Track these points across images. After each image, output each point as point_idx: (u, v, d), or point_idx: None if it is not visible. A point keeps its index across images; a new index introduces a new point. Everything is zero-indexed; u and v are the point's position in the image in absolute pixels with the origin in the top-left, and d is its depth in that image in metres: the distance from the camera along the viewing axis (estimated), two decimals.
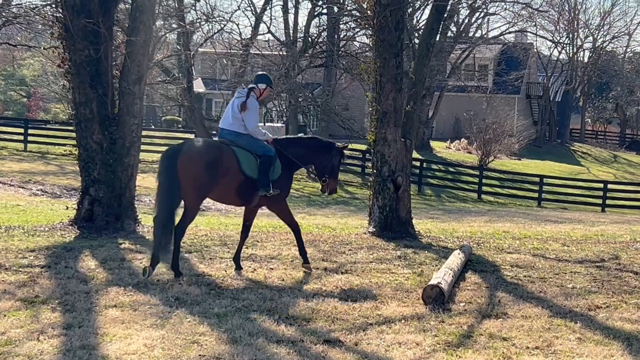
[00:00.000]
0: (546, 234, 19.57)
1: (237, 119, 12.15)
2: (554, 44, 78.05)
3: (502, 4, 57.28)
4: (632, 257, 14.99)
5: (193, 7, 39.04)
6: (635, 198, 42.59)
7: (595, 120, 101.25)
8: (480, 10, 57.20)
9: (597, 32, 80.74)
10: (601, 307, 10.31)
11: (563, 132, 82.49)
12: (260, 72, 13.21)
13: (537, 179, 43.66)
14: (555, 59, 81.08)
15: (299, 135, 13.50)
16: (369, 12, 17.16)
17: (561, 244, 16.88)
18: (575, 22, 78.47)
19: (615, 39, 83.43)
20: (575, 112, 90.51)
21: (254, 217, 12.87)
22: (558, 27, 75.69)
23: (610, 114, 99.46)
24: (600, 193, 42.56)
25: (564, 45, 78.79)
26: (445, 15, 43.77)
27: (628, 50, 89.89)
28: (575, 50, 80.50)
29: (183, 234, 11.93)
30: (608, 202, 42.05)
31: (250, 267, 12.23)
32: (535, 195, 42.61)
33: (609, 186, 44.08)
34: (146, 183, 32.05)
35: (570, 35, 79.10)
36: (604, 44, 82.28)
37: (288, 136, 13.64)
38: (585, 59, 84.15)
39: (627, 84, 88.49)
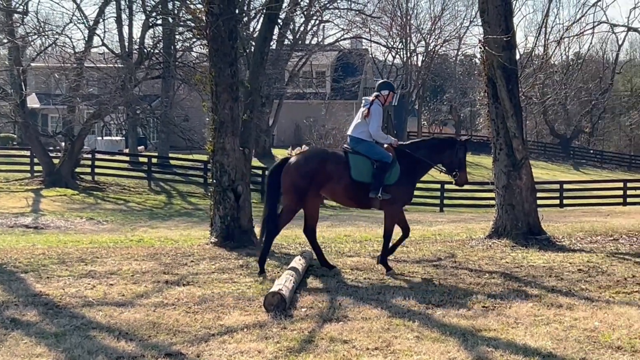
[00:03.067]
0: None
1: (360, 126, 13.30)
2: (388, 49, 79.70)
3: (336, 11, 58.11)
4: (467, 255, 15.45)
5: (22, 22, 37.94)
6: (471, 197, 43.84)
7: (431, 123, 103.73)
8: (315, 17, 57.84)
9: (429, 36, 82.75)
10: (438, 305, 10.57)
11: (401, 135, 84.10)
12: (382, 80, 14.38)
13: None
14: (390, 63, 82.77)
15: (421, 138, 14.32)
16: (203, 22, 17.12)
17: (400, 245, 17.20)
18: (408, 27, 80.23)
19: (447, 43, 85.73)
20: (412, 115, 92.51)
21: (403, 216, 14.01)
22: (391, 32, 77.40)
23: (445, 116, 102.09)
24: (438, 193, 43.66)
25: (398, 50, 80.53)
26: (281, 23, 44.17)
27: (459, 53, 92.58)
28: (408, 54, 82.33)
29: (276, 232, 13.50)
30: (446, 202, 43.21)
31: (89, 283, 11.99)
32: None
33: (446, 186, 45.19)
34: None
35: (404, 40, 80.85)
36: (436, 48, 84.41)
37: (413, 140, 14.40)
38: (419, 63, 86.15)
39: (460, 86, 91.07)
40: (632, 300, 10.92)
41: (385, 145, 13.37)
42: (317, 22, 60.12)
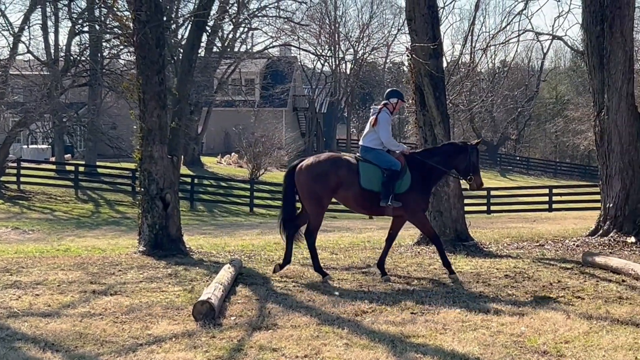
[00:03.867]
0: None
1: (369, 134, 13.56)
2: (317, 57, 79.96)
3: (265, 19, 58.11)
4: (396, 262, 15.52)
5: None
6: None
7: (360, 130, 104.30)
8: (243, 25, 57.75)
9: (357, 44, 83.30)
10: (367, 312, 10.60)
11: (330, 142, 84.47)
12: (391, 88, 14.69)
13: None
14: (319, 71, 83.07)
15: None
16: (130, 29, 16.99)
17: (330, 252, 17.27)
18: (336, 34, 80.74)
19: (375, 51, 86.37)
20: (341, 123, 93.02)
21: (399, 227, 14.21)
22: (320, 40, 77.72)
23: None
24: None
25: (327, 58, 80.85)
26: (209, 30, 43.98)
27: (387, 61, 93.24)
28: (337, 62, 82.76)
29: (312, 239, 13.64)
30: None
31: (14, 294, 11.78)
32: None
33: None
34: None
35: (332, 48, 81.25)
36: (365, 56, 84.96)
37: (426, 148, 14.85)
38: (348, 71, 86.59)
39: None
40: (558, 306, 11.07)
41: (397, 153, 13.49)
42: (246, 29, 60.06)
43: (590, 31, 19.30)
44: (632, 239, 18.14)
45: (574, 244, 18.38)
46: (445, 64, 21.35)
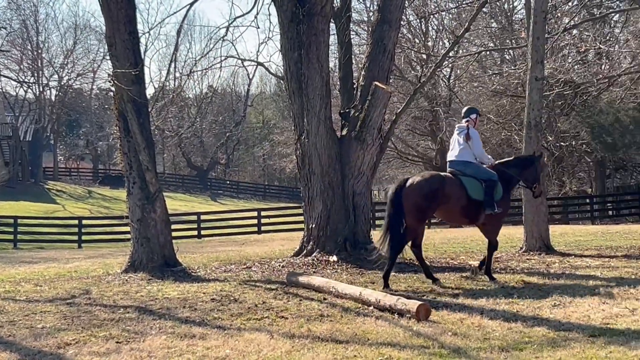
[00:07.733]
0: (19, 276, 19.32)
1: (464, 149, 14.74)
2: (19, 84, 77.43)
3: None
4: (102, 291, 15.27)
5: None
6: (109, 232, 43.42)
7: (68, 158, 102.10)
8: None
9: (62, 70, 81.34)
10: (71, 344, 10.31)
11: (37, 171, 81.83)
12: (468, 106, 16.09)
13: (11, 221, 42.89)
14: (23, 98, 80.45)
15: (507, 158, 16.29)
16: None
17: (34, 285, 16.75)
18: (39, 60, 78.48)
19: (81, 77, 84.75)
20: (48, 151, 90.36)
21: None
22: (22, 66, 75.34)
23: (82, 151, 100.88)
24: (76, 230, 42.88)
25: (30, 84, 78.49)
26: None
27: (94, 87, 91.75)
28: (41, 88, 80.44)
29: (421, 251, 14.92)
30: (84, 237, 42.48)
31: None
32: (11, 237, 41.83)
33: (84, 222, 44.55)
34: None
35: (35, 74, 78.95)
36: (70, 82, 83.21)
37: (502, 160, 15.72)
38: (53, 97, 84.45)
39: (96, 120, 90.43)
40: (262, 326, 11.27)
41: (486, 165, 14.94)
42: None
43: (289, 57, 19.88)
44: (334, 258, 18.80)
45: (279, 265, 18.79)
46: (153, 90, 21.35)
